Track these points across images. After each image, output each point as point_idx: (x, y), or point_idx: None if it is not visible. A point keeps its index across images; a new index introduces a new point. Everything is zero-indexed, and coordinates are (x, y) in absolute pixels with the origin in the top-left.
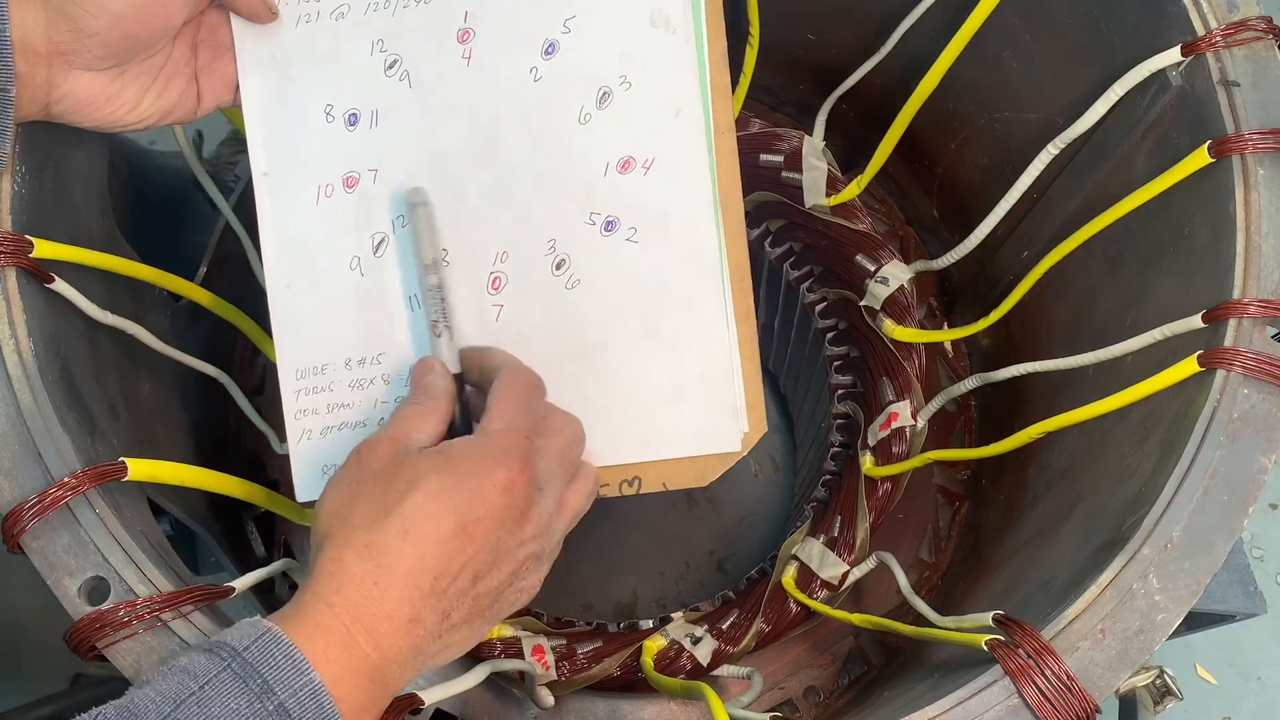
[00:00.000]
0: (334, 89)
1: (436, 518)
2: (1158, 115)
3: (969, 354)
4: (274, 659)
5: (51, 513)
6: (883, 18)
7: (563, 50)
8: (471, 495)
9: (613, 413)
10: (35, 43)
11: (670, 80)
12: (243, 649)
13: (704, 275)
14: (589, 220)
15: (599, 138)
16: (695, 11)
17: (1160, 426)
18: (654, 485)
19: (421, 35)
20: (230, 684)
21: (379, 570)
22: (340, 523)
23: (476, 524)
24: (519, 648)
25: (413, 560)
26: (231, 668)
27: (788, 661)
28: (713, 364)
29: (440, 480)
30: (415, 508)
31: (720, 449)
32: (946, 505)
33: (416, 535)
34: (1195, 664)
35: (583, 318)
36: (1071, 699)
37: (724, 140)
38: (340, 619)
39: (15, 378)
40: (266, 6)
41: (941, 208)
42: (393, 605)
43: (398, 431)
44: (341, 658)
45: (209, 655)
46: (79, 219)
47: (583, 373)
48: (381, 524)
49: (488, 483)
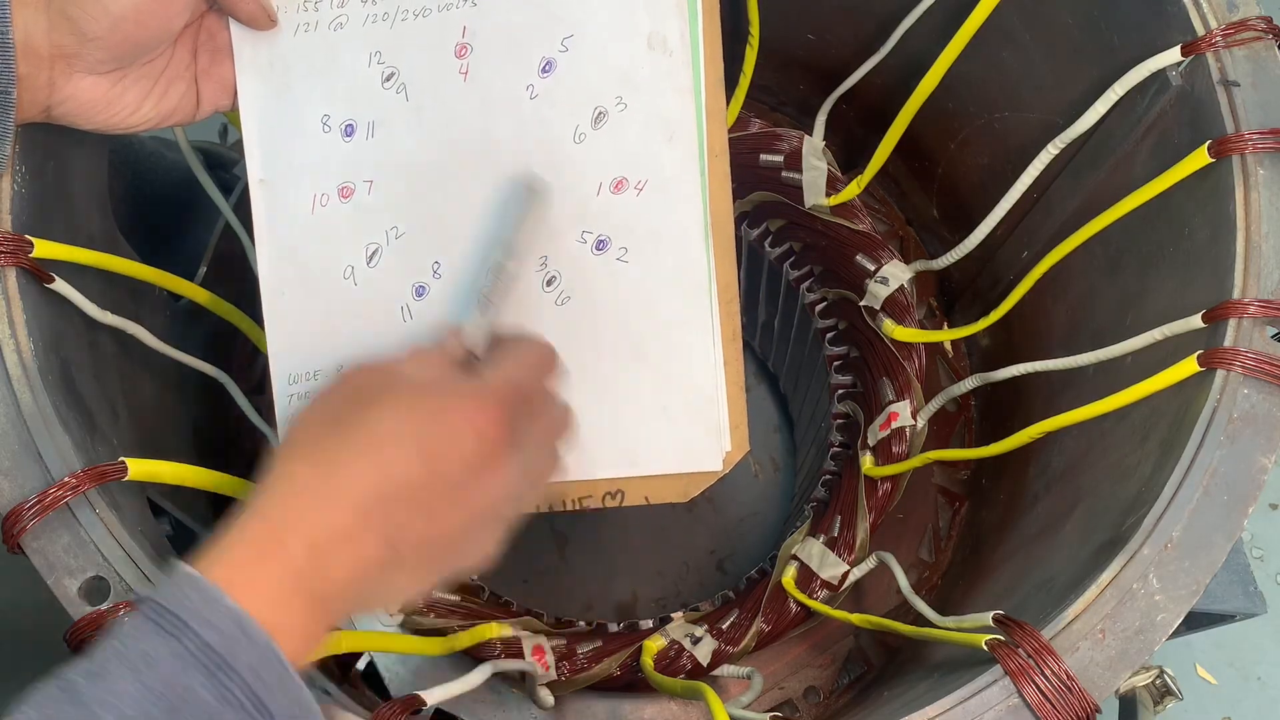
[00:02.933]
0: (331, 99)
1: (400, 442)
2: (1158, 115)
3: (969, 354)
4: (187, 595)
5: (51, 513)
6: (883, 18)
7: (560, 69)
8: (442, 427)
9: (598, 428)
10: (37, 45)
11: (666, 103)
12: (158, 595)
13: (693, 297)
14: (580, 239)
15: (593, 158)
16: (693, 34)
17: (1160, 426)
18: (636, 499)
19: (419, 49)
20: (145, 628)
21: (329, 480)
22: (305, 435)
23: (441, 458)
24: (519, 648)
25: (366, 476)
26: (148, 615)
27: (788, 661)
28: (698, 385)
29: (415, 406)
30: (381, 428)
31: (702, 468)
32: (946, 505)
33: (375, 455)
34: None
35: (571, 334)
36: (1071, 699)
37: (717, 164)
38: (277, 532)
39: (15, 378)
40: (265, 13)
41: (941, 208)
42: (336, 520)
43: (392, 363)
44: (275, 574)
45: (131, 611)
46: (79, 219)
47: (570, 388)
48: (344, 434)
49: (463, 420)
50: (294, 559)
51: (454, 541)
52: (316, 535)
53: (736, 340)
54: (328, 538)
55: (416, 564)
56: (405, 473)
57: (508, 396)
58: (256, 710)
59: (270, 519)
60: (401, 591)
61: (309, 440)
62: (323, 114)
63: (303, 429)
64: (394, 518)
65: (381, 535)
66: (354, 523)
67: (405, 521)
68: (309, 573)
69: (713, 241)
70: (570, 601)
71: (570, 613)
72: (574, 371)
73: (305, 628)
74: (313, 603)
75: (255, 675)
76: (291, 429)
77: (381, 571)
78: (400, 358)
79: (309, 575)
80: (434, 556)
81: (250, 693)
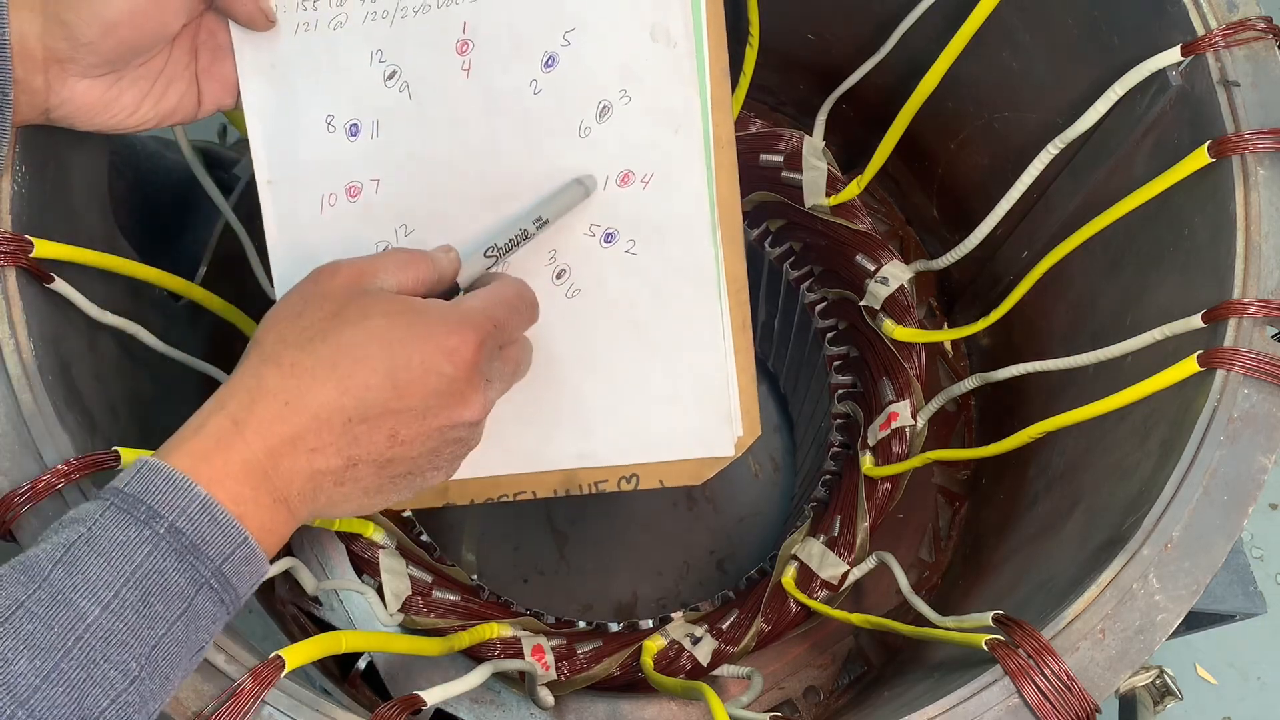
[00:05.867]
0: (334, 99)
1: (370, 360)
2: (1158, 115)
3: (969, 354)
4: (154, 484)
5: (44, 500)
6: (883, 18)
7: (562, 63)
8: (414, 351)
9: (612, 416)
10: (32, 49)
11: (670, 94)
12: (124, 485)
13: (701, 288)
14: (589, 232)
15: (598, 151)
16: (696, 25)
17: (1160, 426)
18: (651, 482)
19: (420, 46)
20: (116, 518)
21: (295, 391)
22: (274, 336)
23: (409, 383)
24: (519, 648)
25: (332, 393)
26: (115, 504)
27: (788, 661)
28: (708, 374)
29: (388, 325)
30: (352, 342)
31: (714, 453)
32: (946, 505)
33: (344, 370)
34: (1195, 664)
35: (583, 326)
36: (1071, 699)
37: (724, 154)
38: (243, 434)
39: (15, 378)
40: (263, 14)
41: (941, 208)
42: (297, 430)
43: (367, 265)
44: (241, 474)
45: (96, 500)
46: (79, 219)
47: (583, 378)
48: (313, 347)
49: (435, 345)
50: (254, 456)
51: (415, 464)
52: (275, 440)
53: (746, 329)
54: (287, 445)
55: (375, 482)
56: (373, 397)
57: (483, 327)
58: (225, 591)
59: (235, 417)
60: (356, 506)
61: (280, 343)
62: (327, 114)
63: (275, 330)
64: (356, 436)
65: (341, 451)
66: (315, 436)
67: (367, 441)
68: (270, 473)
69: (721, 231)
70: (570, 601)
71: (570, 613)
72: (586, 362)
73: (271, 522)
74: (276, 501)
75: (224, 559)
76: (264, 327)
77: (338, 485)
78: (380, 258)
79: (270, 475)
80: (393, 477)
81: (220, 575)
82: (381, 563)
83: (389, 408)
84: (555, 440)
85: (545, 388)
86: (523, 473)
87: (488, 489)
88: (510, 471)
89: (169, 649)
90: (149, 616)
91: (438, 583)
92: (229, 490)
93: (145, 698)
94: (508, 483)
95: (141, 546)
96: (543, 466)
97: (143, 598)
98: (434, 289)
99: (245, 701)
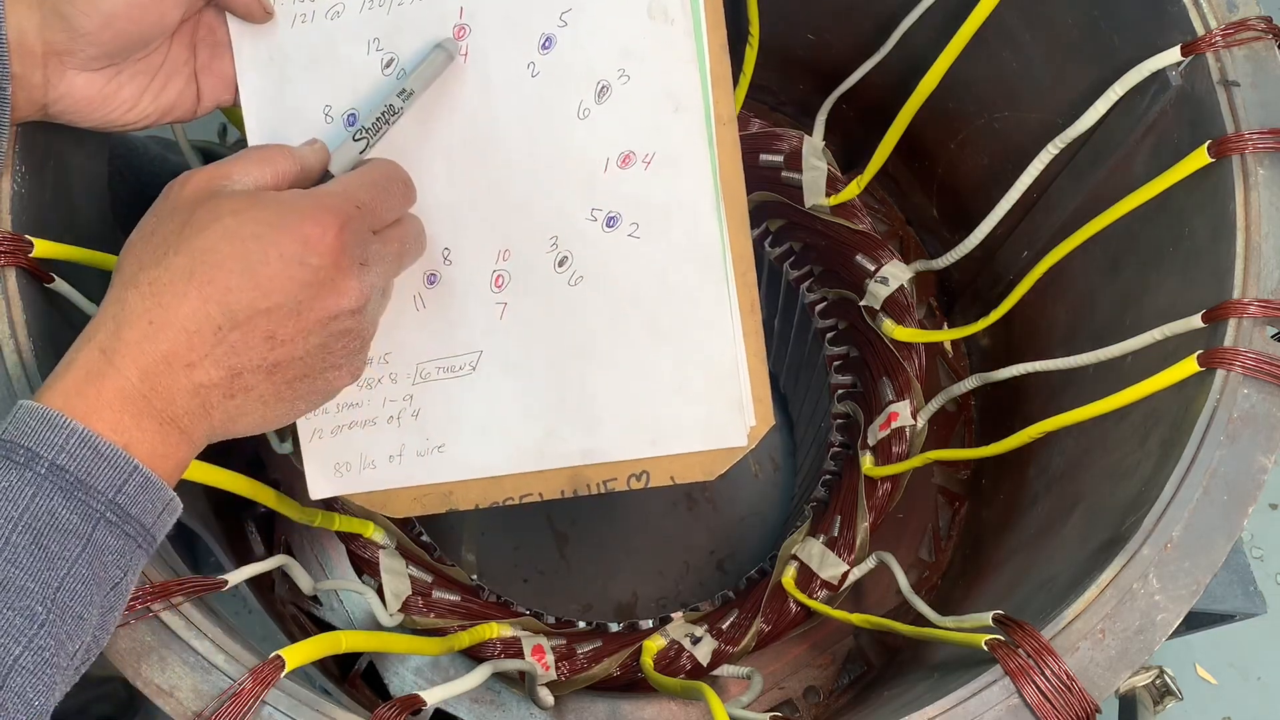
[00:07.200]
0: (332, 89)
1: (226, 262)
2: (1158, 115)
3: (969, 354)
4: (30, 426)
5: None
6: (883, 18)
7: (560, 45)
8: (269, 245)
9: (619, 409)
10: (30, 43)
11: (670, 73)
12: (1, 433)
13: (707, 269)
14: (590, 216)
15: (598, 133)
16: (694, 2)
17: (1160, 426)
18: (662, 479)
19: (417, 33)
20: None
21: (158, 309)
22: (131, 259)
23: (271, 279)
24: (519, 648)
25: (195, 303)
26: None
27: (788, 661)
28: (717, 359)
29: (239, 221)
30: (205, 247)
31: (726, 444)
32: (946, 505)
33: (202, 277)
34: (1195, 664)
35: (587, 314)
36: (1071, 699)
37: (725, 132)
38: (110, 357)
39: (15, 378)
40: (261, 6)
41: (941, 208)
42: (168, 347)
43: (218, 170)
44: (118, 402)
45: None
46: (79, 219)
47: (589, 369)
48: (168, 260)
49: (292, 235)
50: (128, 383)
51: (306, 365)
52: (147, 362)
53: (755, 312)
54: (161, 365)
55: (270, 389)
56: (237, 299)
57: (343, 209)
58: (126, 523)
59: (103, 347)
60: (261, 418)
61: (137, 265)
62: (324, 105)
63: (131, 254)
64: (232, 345)
65: (219, 362)
66: (188, 350)
67: (244, 348)
68: (149, 395)
69: (725, 211)
70: (570, 601)
71: (570, 613)
72: (591, 352)
73: (163, 447)
74: (164, 424)
75: (115, 489)
76: (122, 254)
77: (229, 398)
78: (233, 159)
79: (150, 398)
80: (289, 381)
81: (116, 507)
82: (381, 563)
83: (257, 308)
84: (560, 436)
85: (548, 380)
86: (527, 472)
87: (491, 492)
88: (513, 471)
89: (75, 588)
90: (45, 559)
91: (438, 583)
92: (108, 420)
93: (61, 639)
94: (511, 485)
95: (25, 489)
96: (547, 465)
97: (35, 540)
98: (299, 182)
99: (245, 701)
